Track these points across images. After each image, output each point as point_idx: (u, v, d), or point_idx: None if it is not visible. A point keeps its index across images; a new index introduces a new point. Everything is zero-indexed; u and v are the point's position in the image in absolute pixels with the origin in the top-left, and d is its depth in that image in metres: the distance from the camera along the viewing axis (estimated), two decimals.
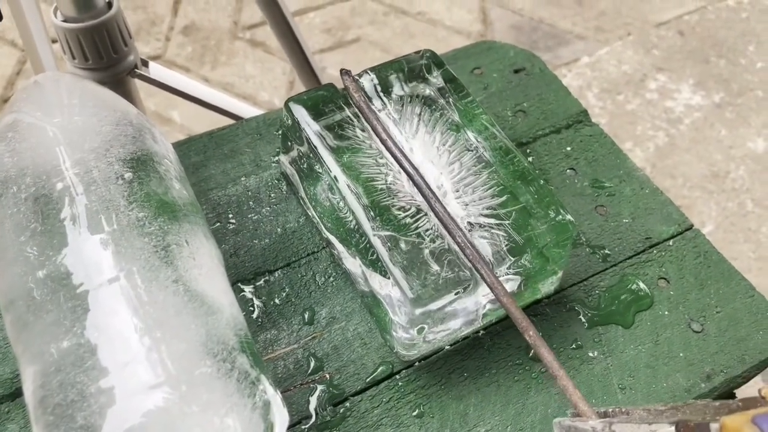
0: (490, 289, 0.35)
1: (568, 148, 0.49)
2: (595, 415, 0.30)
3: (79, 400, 0.28)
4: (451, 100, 0.42)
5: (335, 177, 0.38)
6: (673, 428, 0.26)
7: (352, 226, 0.38)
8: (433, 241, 0.36)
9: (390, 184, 0.38)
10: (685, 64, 1.28)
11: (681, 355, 0.39)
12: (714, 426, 0.24)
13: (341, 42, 1.24)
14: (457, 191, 0.38)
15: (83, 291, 0.30)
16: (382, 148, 0.39)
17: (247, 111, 0.63)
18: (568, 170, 0.48)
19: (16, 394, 0.36)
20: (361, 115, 0.40)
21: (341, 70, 0.41)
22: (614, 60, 1.27)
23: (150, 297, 0.30)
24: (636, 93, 1.22)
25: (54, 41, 0.57)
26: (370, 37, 1.26)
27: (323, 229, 0.42)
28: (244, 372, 0.28)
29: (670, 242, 0.44)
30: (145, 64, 0.57)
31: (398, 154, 0.38)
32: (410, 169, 0.37)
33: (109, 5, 0.53)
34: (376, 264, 0.37)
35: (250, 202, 0.44)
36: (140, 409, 0.27)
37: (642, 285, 0.42)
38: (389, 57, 1.22)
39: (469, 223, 0.37)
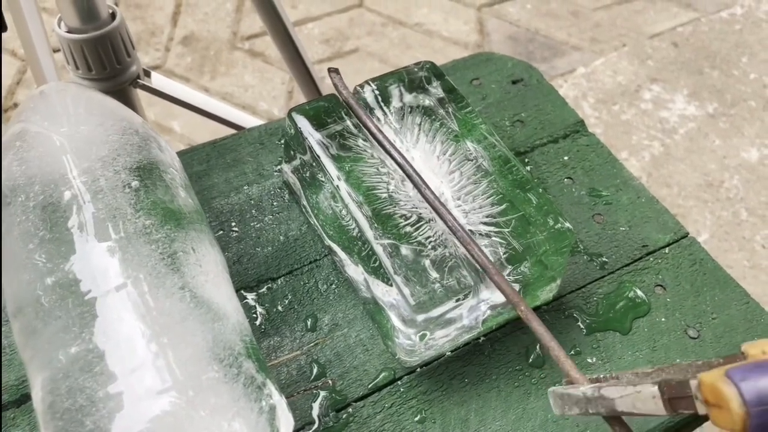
0: (484, 270, 0.35)
1: (566, 158, 0.50)
2: (587, 381, 0.31)
3: (87, 405, 0.28)
4: (450, 110, 0.43)
5: (337, 185, 0.39)
6: (656, 387, 0.26)
7: (354, 234, 0.39)
8: (434, 248, 0.37)
9: (392, 192, 0.39)
10: (679, 74, 1.29)
11: (678, 361, 0.40)
12: (693, 383, 0.25)
13: (340, 52, 1.25)
14: (458, 199, 0.39)
15: (91, 298, 0.31)
16: (384, 156, 0.40)
17: (248, 120, 0.63)
18: (565, 179, 0.48)
19: (22, 400, 0.37)
20: (350, 110, 0.41)
21: (329, 69, 0.42)
22: (609, 71, 1.28)
23: (157, 303, 0.30)
24: (631, 103, 1.23)
25: (56, 51, 0.58)
26: (369, 48, 1.28)
27: (325, 237, 0.43)
28: (250, 377, 0.29)
29: (666, 250, 0.45)
30: (147, 74, 0.58)
31: (396, 155, 0.39)
32: (410, 171, 0.38)
33: (113, 16, 0.54)
34: (378, 271, 0.37)
35: (253, 211, 0.45)
36: (148, 414, 0.28)
37: (639, 292, 0.43)
38: (387, 67, 1.23)
39: (470, 231, 0.38)
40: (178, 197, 0.35)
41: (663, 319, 0.42)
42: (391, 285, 0.36)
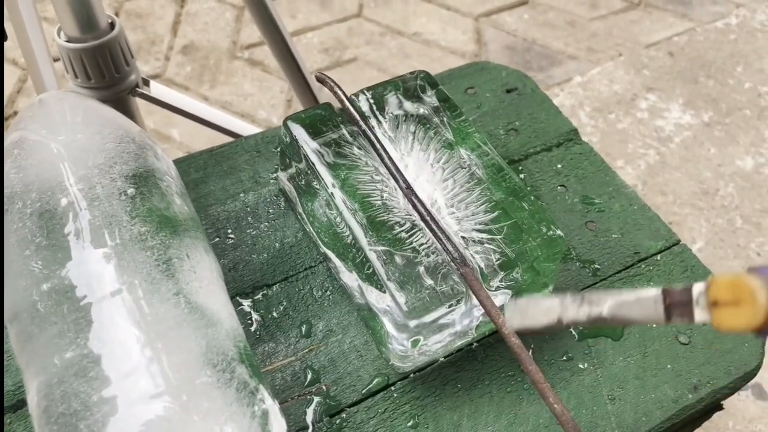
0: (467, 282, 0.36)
1: (559, 166, 0.50)
2: (560, 402, 0.31)
3: (82, 409, 0.28)
4: (444, 119, 0.43)
5: (332, 193, 0.39)
6: (659, 291, 0.27)
7: (348, 241, 0.39)
8: (427, 255, 0.37)
9: (386, 200, 0.39)
10: (674, 84, 1.30)
11: (669, 366, 0.40)
12: (697, 288, 0.25)
13: (338, 61, 1.26)
14: (451, 207, 0.39)
15: (86, 303, 0.31)
16: (378, 164, 0.40)
17: (246, 129, 0.64)
18: (558, 187, 0.49)
19: (18, 405, 0.37)
20: (345, 113, 0.42)
21: (316, 76, 0.43)
22: (605, 80, 1.29)
23: (151, 309, 0.31)
24: (627, 112, 1.24)
25: (56, 60, 0.58)
26: (367, 57, 1.28)
27: (320, 244, 0.43)
28: (243, 382, 0.29)
29: (658, 257, 0.45)
30: (146, 83, 0.59)
31: (388, 162, 0.39)
32: (401, 181, 0.39)
33: (112, 26, 0.54)
34: (372, 278, 0.38)
35: (249, 218, 0.45)
36: (142, 418, 0.28)
37: None
38: (386, 76, 1.24)
39: (463, 238, 0.38)
40: (174, 205, 0.35)
41: (654, 326, 0.42)
42: (384, 291, 0.37)
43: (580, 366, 0.40)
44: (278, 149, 0.49)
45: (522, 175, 0.49)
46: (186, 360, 0.29)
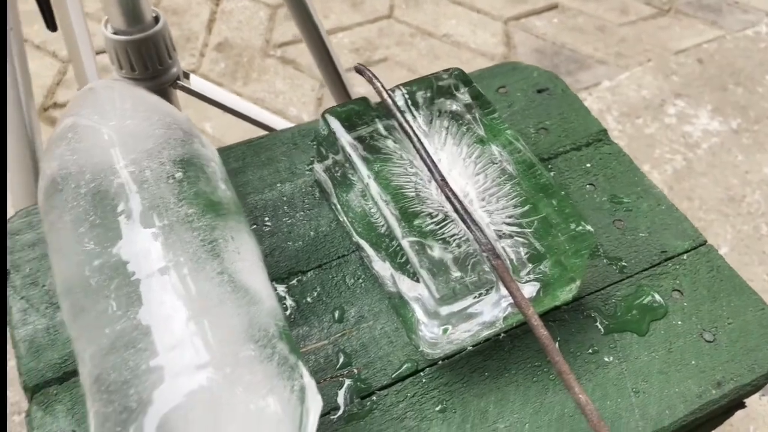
0: (496, 271, 0.37)
1: (588, 165, 0.51)
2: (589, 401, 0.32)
3: (131, 378, 0.30)
4: (477, 115, 0.44)
5: (368, 184, 0.41)
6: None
7: (382, 231, 0.41)
8: (458, 246, 0.38)
9: (419, 191, 0.40)
10: (703, 90, 1.29)
11: (693, 362, 0.41)
12: None
13: (369, 61, 1.28)
14: (482, 200, 0.41)
15: (136, 279, 0.33)
16: (413, 156, 0.42)
17: (280, 124, 0.66)
18: (587, 185, 0.50)
19: (64, 378, 0.39)
20: (381, 102, 0.43)
21: (356, 67, 0.44)
22: (634, 85, 1.29)
23: (197, 286, 0.32)
24: (655, 117, 1.24)
25: (98, 53, 0.61)
26: (397, 58, 1.30)
27: (354, 233, 0.44)
28: (283, 357, 0.31)
29: (685, 256, 0.46)
30: (186, 76, 0.61)
31: (423, 153, 0.40)
32: (436, 173, 0.40)
33: (156, 20, 0.56)
34: (404, 267, 0.39)
35: (285, 207, 0.47)
36: (186, 388, 0.30)
37: (657, 296, 0.44)
38: (415, 77, 1.25)
39: (494, 230, 0.39)
40: (219, 189, 0.37)
41: (679, 323, 0.43)
42: (416, 280, 0.38)
43: (606, 359, 0.41)
44: (314, 142, 0.50)
45: (552, 173, 0.50)
46: (229, 335, 0.31)
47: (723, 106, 1.27)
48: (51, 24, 0.51)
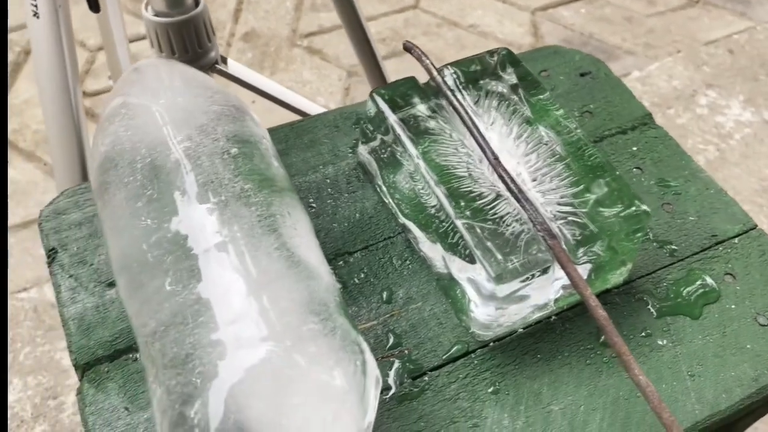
0: (555, 255, 0.36)
1: (634, 148, 0.50)
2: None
3: (193, 352, 0.30)
4: (523, 95, 0.44)
5: (418, 164, 0.40)
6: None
7: (432, 212, 0.40)
8: (512, 224, 0.38)
9: (471, 171, 0.40)
10: (734, 81, 1.28)
11: (748, 346, 0.40)
12: None
13: (395, 51, 1.27)
14: (534, 180, 0.40)
15: (193, 254, 0.33)
16: (463, 135, 0.41)
17: (316, 109, 0.65)
18: (634, 169, 0.49)
19: (115, 355, 0.39)
20: (431, 80, 0.42)
21: (404, 44, 0.44)
22: (665, 75, 1.28)
23: (255, 261, 0.32)
24: (686, 108, 1.22)
25: (131, 41, 0.61)
26: (424, 48, 1.29)
27: (400, 215, 0.44)
28: (345, 331, 0.30)
29: (736, 240, 0.45)
30: (224, 60, 0.60)
31: (475, 132, 0.40)
32: (489, 152, 0.39)
33: (196, 3, 0.56)
34: (455, 247, 0.38)
35: (329, 189, 0.47)
36: (250, 361, 0.29)
37: (709, 279, 0.43)
38: None
39: (549, 212, 0.39)
40: (272, 166, 0.37)
41: (733, 306, 0.42)
42: (469, 260, 0.37)
43: (659, 342, 0.40)
44: (356, 126, 0.50)
45: None
46: (290, 308, 0.30)
47: (755, 96, 1.25)
48: (94, 5, 0.51)
